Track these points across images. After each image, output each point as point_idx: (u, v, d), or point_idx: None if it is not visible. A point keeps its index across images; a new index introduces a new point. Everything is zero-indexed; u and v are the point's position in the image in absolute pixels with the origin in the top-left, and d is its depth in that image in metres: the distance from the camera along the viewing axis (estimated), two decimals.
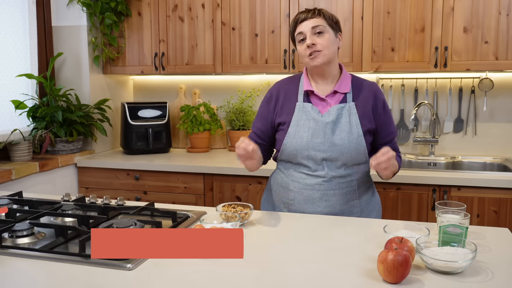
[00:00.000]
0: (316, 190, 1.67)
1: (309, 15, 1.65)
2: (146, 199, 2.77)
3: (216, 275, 1.14)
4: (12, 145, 2.55)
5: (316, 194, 1.67)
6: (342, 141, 1.64)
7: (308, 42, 1.63)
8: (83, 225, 1.45)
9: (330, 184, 1.66)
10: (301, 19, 1.66)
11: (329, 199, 1.67)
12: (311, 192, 1.68)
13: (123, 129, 3.07)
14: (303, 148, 1.66)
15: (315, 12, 1.66)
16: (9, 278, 1.13)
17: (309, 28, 1.64)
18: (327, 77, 1.71)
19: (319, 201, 1.68)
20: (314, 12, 1.66)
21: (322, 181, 1.66)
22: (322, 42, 1.63)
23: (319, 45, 1.63)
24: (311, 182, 1.67)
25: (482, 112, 2.83)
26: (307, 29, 1.64)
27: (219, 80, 3.28)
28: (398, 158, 1.76)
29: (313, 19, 1.64)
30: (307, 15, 1.65)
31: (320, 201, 1.68)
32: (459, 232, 1.23)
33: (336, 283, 1.10)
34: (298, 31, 1.67)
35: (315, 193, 1.67)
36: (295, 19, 1.69)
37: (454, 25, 2.52)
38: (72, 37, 2.98)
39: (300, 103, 1.70)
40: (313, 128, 1.66)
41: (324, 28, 1.64)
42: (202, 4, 2.89)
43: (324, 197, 1.67)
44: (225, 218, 1.46)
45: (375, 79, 2.96)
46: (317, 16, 1.65)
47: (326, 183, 1.66)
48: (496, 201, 2.28)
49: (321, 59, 1.64)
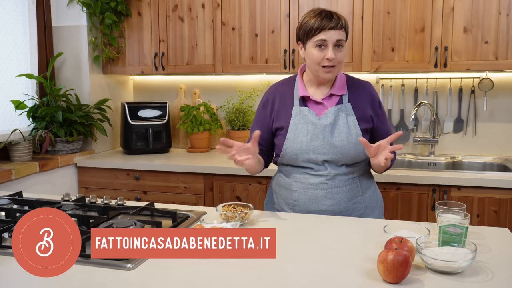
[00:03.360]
0: (320, 188, 1.68)
1: (337, 25, 1.60)
2: (146, 199, 2.77)
3: (216, 275, 1.14)
4: (12, 145, 2.55)
5: (321, 192, 1.68)
6: (341, 143, 1.65)
7: (330, 56, 1.60)
8: (83, 225, 1.45)
9: (333, 182, 1.67)
10: (329, 26, 1.60)
11: (334, 196, 1.67)
12: (315, 191, 1.68)
13: (123, 129, 3.07)
14: (303, 152, 1.66)
15: (342, 24, 1.62)
16: (9, 278, 1.13)
17: (334, 39, 1.60)
18: (325, 83, 1.72)
19: (323, 199, 1.68)
20: (342, 25, 1.61)
21: (326, 179, 1.67)
22: (340, 58, 1.63)
23: (337, 61, 1.62)
24: (315, 181, 1.68)
25: (482, 112, 2.83)
26: (332, 40, 1.60)
27: (219, 80, 3.28)
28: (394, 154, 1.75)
29: (339, 31, 1.61)
30: (335, 24, 1.60)
31: (325, 199, 1.68)
32: (459, 232, 1.23)
33: (336, 283, 1.10)
34: (322, 38, 1.60)
35: (319, 192, 1.68)
36: (321, 22, 1.60)
37: (454, 25, 2.52)
38: (72, 37, 2.98)
39: (297, 107, 1.71)
40: (312, 131, 1.66)
41: (344, 43, 1.64)
42: (202, 4, 2.89)
43: (328, 195, 1.68)
44: (225, 218, 1.46)
45: (375, 79, 2.96)
46: (342, 28, 1.62)
47: (330, 181, 1.67)
48: (496, 201, 2.28)
49: (334, 74, 1.66)
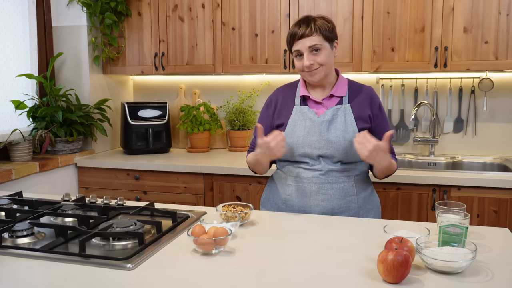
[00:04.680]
0: (313, 183, 1.69)
1: (307, 32, 1.64)
2: (146, 199, 2.77)
3: (216, 275, 1.14)
4: (12, 145, 2.55)
5: (313, 187, 1.69)
6: (337, 138, 1.67)
7: (306, 64, 1.66)
8: (83, 225, 1.45)
9: (327, 177, 1.68)
10: (298, 36, 1.66)
11: (326, 192, 1.69)
12: (308, 185, 1.70)
13: (123, 129, 3.07)
14: (299, 146, 1.69)
15: (312, 28, 1.64)
16: (9, 278, 1.13)
17: (306, 47, 1.65)
18: (324, 84, 1.76)
19: (316, 194, 1.69)
20: (311, 29, 1.64)
21: (319, 174, 1.69)
22: (320, 60, 1.66)
23: (316, 64, 1.66)
24: (308, 175, 1.70)
25: (482, 112, 2.83)
26: (304, 47, 1.66)
27: (219, 80, 3.28)
28: (395, 159, 1.78)
29: (310, 38, 1.64)
30: (304, 31, 1.64)
31: (317, 194, 1.69)
32: (459, 232, 1.23)
33: (336, 283, 1.10)
34: (296, 49, 1.68)
35: (312, 186, 1.69)
36: (292, 33, 1.68)
37: (454, 25, 2.52)
38: (72, 37, 2.98)
39: (297, 106, 1.75)
40: (309, 126, 1.70)
41: (321, 45, 1.65)
42: (202, 4, 2.89)
43: (321, 190, 1.69)
44: (225, 218, 1.46)
45: (375, 79, 2.96)
46: (314, 33, 1.64)
47: (323, 176, 1.68)
48: (496, 201, 2.28)
49: (319, 75, 1.69)
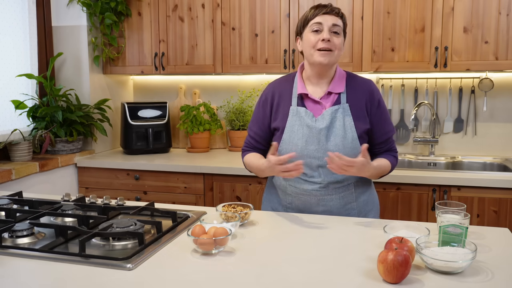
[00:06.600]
0: (313, 196, 1.67)
1: (333, 12, 1.62)
2: (146, 199, 2.77)
3: (216, 275, 1.14)
4: (12, 145, 2.55)
5: (313, 199, 1.67)
6: (336, 147, 1.62)
7: (325, 36, 1.59)
8: (83, 225, 1.45)
9: (326, 190, 1.66)
10: (324, 11, 1.62)
11: (326, 204, 1.67)
12: (308, 198, 1.68)
13: (123, 129, 3.07)
14: (297, 156, 1.62)
15: (338, 12, 1.64)
16: (9, 278, 1.13)
17: (329, 23, 1.61)
18: (323, 77, 1.69)
19: (316, 206, 1.68)
20: (338, 13, 1.63)
21: (319, 187, 1.65)
22: (337, 43, 1.62)
23: (333, 45, 1.61)
24: (308, 188, 1.66)
25: (482, 112, 2.83)
26: (327, 24, 1.61)
27: (219, 80, 3.28)
28: (393, 158, 1.74)
29: (334, 17, 1.62)
30: (330, 10, 1.62)
31: (317, 206, 1.68)
32: (459, 232, 1.23)
33: (336, 283, 1.10)
34: (317, 21, 1.61)
35: (312, 199, 1.67)
36: (316, 8, 1.63)
37: (454, 25, 2.52)
38: (72, 37, 2.98)
39: (294, 107, 1.68)
40: (307, 135, 1.64)
41: (341, 30, 1.64)
42: (202, 4, 2.89)
43: (321, 202, 1.67)
44: (225, 218, 1.46)
45: (375, 79, 2.96)
46: (339, 17, 1.63)
47: (323, 189, 1.66)
48: (496, 201, 2.28)
49: (330, 58, 1.62)
